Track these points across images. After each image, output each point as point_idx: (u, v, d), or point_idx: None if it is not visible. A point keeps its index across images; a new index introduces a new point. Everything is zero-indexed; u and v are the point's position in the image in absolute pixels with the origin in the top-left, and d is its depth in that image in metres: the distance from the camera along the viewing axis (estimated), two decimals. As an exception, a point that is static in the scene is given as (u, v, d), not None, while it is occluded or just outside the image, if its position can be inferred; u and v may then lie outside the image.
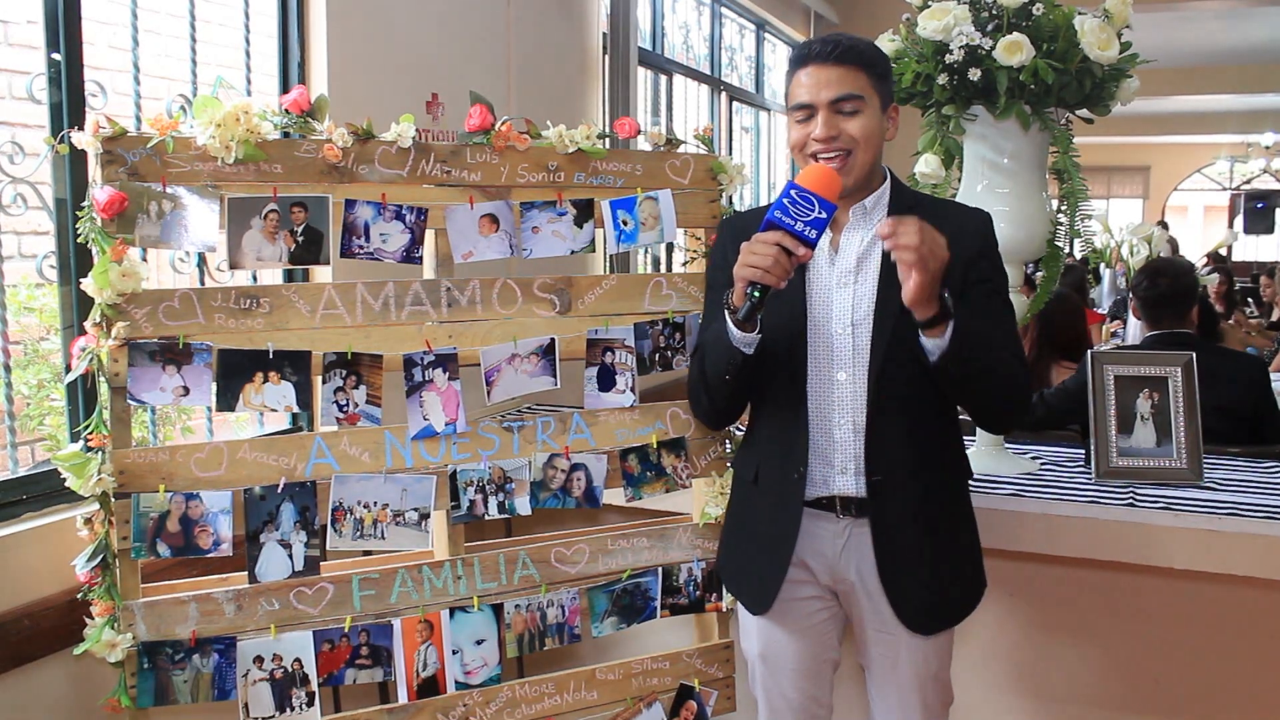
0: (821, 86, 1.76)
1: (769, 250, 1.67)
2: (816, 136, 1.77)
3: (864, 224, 1.84)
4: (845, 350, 1.81)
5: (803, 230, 1.67)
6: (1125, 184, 16.84)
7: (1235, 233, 10.41)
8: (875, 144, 1.81)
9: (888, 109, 1.82)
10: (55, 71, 2.12)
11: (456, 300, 2.13)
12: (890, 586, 1.84)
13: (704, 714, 2.32)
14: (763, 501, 1.92)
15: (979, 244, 1.85)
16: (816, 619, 1.94)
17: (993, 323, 1.82)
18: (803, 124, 1.80)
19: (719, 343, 1.80)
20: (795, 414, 1.84)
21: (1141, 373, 2.48)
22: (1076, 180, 2.39)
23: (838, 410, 1.82)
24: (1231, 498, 2.29)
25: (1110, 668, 2.49)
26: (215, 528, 1.92)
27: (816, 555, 1.89)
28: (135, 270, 1.86)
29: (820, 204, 1.68)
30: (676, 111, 5.56)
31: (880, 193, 1.86)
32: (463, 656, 2.12)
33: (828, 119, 1.76)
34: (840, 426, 1.82)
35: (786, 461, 1.86)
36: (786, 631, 1.95)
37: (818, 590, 1.93)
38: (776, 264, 1.67)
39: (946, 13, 2.20)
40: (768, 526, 1.91)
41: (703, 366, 1.89)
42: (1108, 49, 2.19)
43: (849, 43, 1.79)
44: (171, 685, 1.91)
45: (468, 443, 2.12)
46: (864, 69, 1.78)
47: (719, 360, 1.82)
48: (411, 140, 2.06)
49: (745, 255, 1.70)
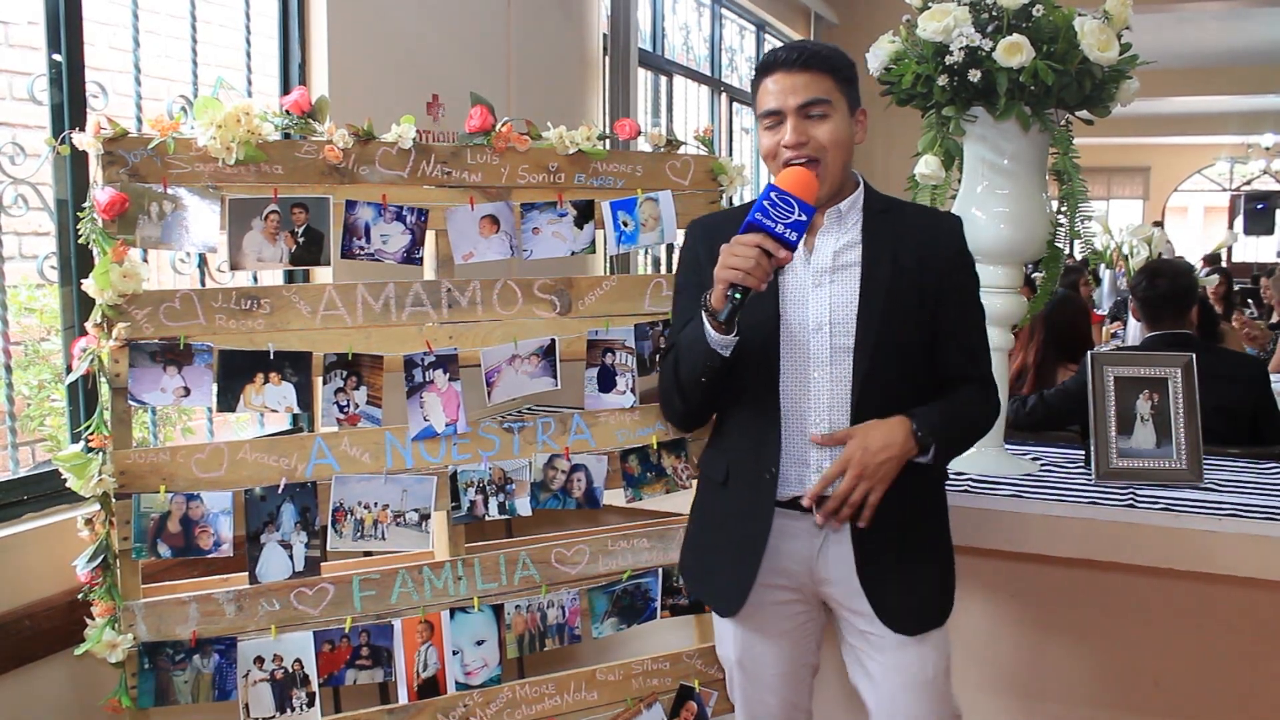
0: (789, 92, 1.78)
1: (750, 252, 1.68)
2: (787, 143, 1.78)
3: (838, 227, 1.85)
4: (821, 350, 1.81)
5: (783, 233, 1.68)
6: (1125, 185, 16.86)
7: (1235, 234, 10.42)
8: (845, 148, 1.82)
9: (855, 113, 1.84)
10: (56, 72, 2.12)
11: (457, 301, 2.13)
12: (870, 586, 1.83)
13: (704, 714, 2.32)
14: (733, 502, 1.90)
15: (953, 249, 1.88)
16: (794, 623, 1.93)
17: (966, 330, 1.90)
18: (772, 130, 1.81)
19: (695, 345, 1.79)
20: (767, 414, 1.83)
21: (1141, 374, 2.48)
22: (1076, 181, 2.39)
23: (813, 410, 1.82)
24: (1231, 499, 2.29)
25: (1110, 669, 2.49)
26: (216, 528, 1.93)
27: (793, 557, 1.87)
28: (136, 271, 1.86)
29: (800, 206, 1.69)
30: (677, 112, 5.56)
31: (854, 197, 1.87)
32: (463, 657, 2.12)
33: (796, 124, 1.77)
34: (816, 426, 1.82)
35: (758, 462, 1.84)
36: (764, 637, 1.92)
37: (795, 595, 1.90)
38: (758, 266, 1.68)
39: (946, 14, 2.21)
40: (738, 527, 1.88)
41: (676, 369, 1.88)
42: (1107, 50, 2.19)
43: (813, 49, 1.81)
44: (172, 686, 1.91)
45: (468, 443, 2.13)
46: (829, 74, 1.79)
47: (695, 362, 1.81)
48: (412, 141, 2.07)
49: (726, 257, 1.70)
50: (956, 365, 1.88)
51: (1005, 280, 2.44)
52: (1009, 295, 2.45)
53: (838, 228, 1.85)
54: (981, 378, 1.92)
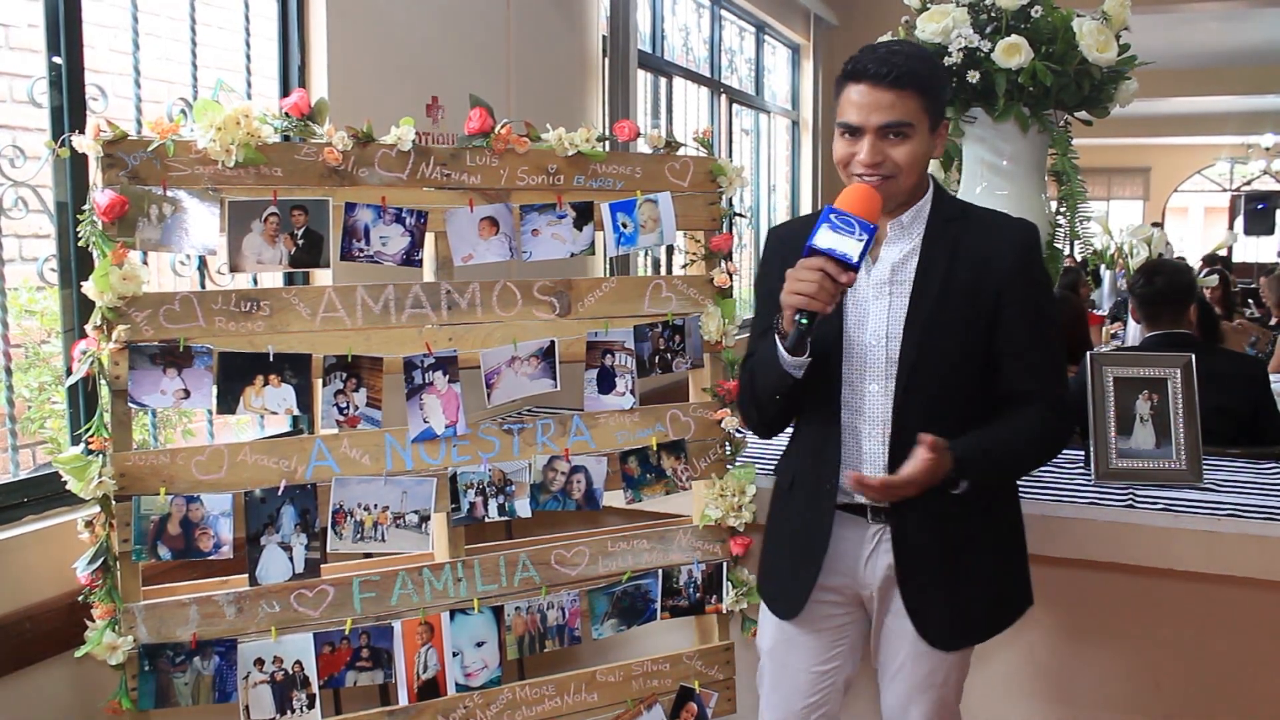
0: (871, 110, 1.71)
1: (813, 276, 1.66)
2: (863, 161, 1.73)
3: (902, 237, 1.82)
4: (878, 362, 1.80)
5: (844, 255, 1.66)
6: (1125, 185, 16.85)
7: (1235, 234, 10.40)
8: (920, 168, 1.78)
9: (937, 129, 1.79)
10: (56, 75, 2.12)
11: (456, 303, 2.13)
12: (909, 598, 1.84)
13: (704, 716, 2.32)
14: (796, 508, 1.92)
15: (1015, 261, 1.80)
16: (833, 624, 1.93)
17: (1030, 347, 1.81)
18: (848, 141, 1.76)
19: (770, 365, 1.79)
20: (829, 425, 1.84)
21: (1141, 374, 2.48)
22: (1075, 182, 2.40)
23: (868, 422, 1.81)
24: (1231, 499, 2.29)
25: (1110, 669, 2.49)
26: (216, 530, 1.93)
27: (841, 558, 1.87)
28: (136, 273, 1.86)
29: (860, 226, 1.67)
30: (676, 114, 5.56)
31: (920, 205, 1.83)
32: (463, 658, 2.12)
33: (874, 144, 1.73)
34: (870, 438, 1.82)
35: (819, 472, 1.86)
36: (801, 631, 1.94)
37: (838, 596, 1.91)
38: (821, 289, 1.66)
39: (945, 15, 2.21)
40: (800, 533, 1.90)
41: (752, 384, 1.89)
42: (1106, 51, 2.20)
43: (905, 65, 1.71)
44: (172, 687, 1.91)
45: (468, 445, 2.13)
46: (918, 93, 1.72)
47: (769, 380, 1.81)
48: (411, 143, 2.07)
49: (791, 283, 1.68)
50: (1019, 383, 1.81)
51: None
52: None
53: (901, 238, 1.82)
54: (1049, 396, 1.82)
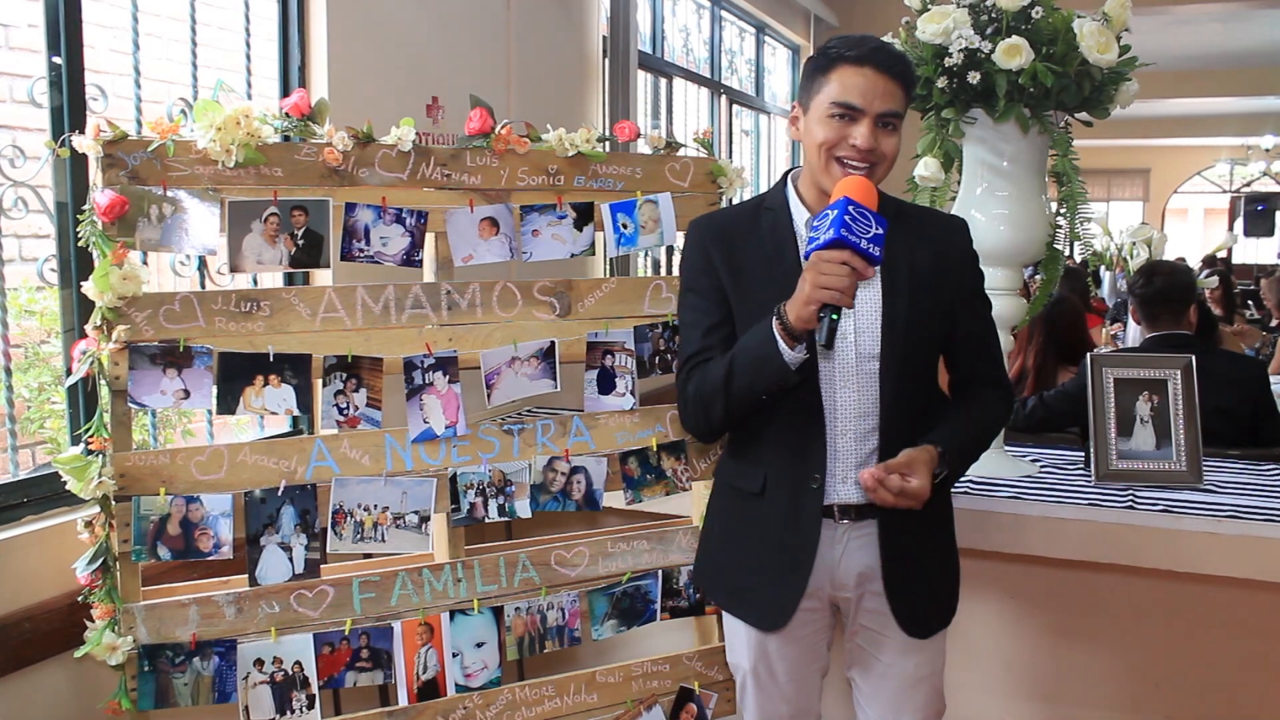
0: (876, 96, 1.72)
1: (841, 270, 1.64)
2: (857, 145, 1.72)
3: None
4: (848, 357, 1.80)
5: (867, 248, 1.64)
6: (1125, 187, 16.86)
7: (1235, 235, 10.40)
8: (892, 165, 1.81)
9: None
10: (56, 75, 2.12)
11: (456, 303, 2.13)
12: (894, 591, 1.84)
13: (704, 716, 2.32)
14: (772, 512, 1.86)
15: (964, 250, 1.91)
16: (810, 629, 1.92)
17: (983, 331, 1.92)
18: (839, 122, 1.74)
19: (763, 364, 1.73)
20: (809, 422, 1.81)
21: (1141, 375, 2.48)
22: (1075, 183, 2.39)
23: (841, 418, 1.81)
24: (1231, 500, 2.29)
25: (1110, 670, 2.49)
26: (216, 530, 1.93)
27: (820, 561, 1.85)
28: (136, 273, 1.86)
29: (875, 219, 1.66)
30: (676, 114, 5.56)
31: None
32: (463, 659, 2.12)
33: (872, 131, 1.73)
34: (844, 435, 1.81)
35: (800, 470, 1.82)
36: (782, 643, 1.91)
37: (813, 600, 1.89)
38: (851, 284, 1.65)
39: (946, 16, 2.21)
40: (780, 538, 1.85)
41: (728, 383, 1.79)
42: (1107, 52, 2.19)
43: (903, 61, 1.77)
44: (172, 688, 1.91)
45: (468, 445, 2.13)
46: (906, 89, 1.77)
47: (760, 379, 1.75)
48: (411, 143, 2.07)
49: (817, 278, 1.64)
50: (978, 368, 1.91)
51: (1005, 282, 2.44)
52: (1008, 297, 2.45)
53: None
54: (1000, 380, 1.94)
